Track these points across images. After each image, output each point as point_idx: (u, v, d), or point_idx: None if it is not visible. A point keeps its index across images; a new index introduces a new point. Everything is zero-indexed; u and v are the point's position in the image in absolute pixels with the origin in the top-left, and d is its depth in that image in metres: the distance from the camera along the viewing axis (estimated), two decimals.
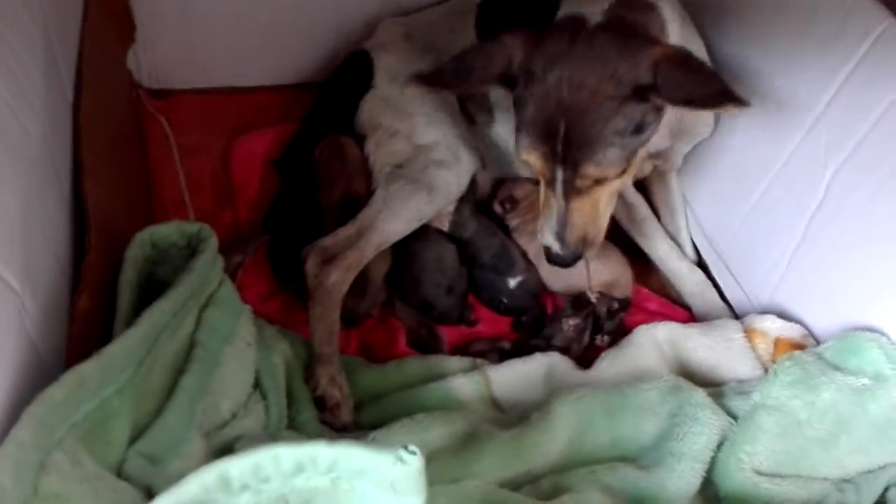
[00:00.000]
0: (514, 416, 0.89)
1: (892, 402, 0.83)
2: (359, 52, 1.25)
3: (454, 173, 1.09)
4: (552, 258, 0.96)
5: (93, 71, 0.96)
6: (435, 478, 0.76)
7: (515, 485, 0.80)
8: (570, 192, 0.92)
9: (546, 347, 1.04)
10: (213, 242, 0.82)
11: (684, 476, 0.79)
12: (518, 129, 0.91)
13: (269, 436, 0.79)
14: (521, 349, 1.05)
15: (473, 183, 1.15)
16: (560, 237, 0.94)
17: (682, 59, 0.84)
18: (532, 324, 1.16)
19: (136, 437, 0.66)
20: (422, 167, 1.08)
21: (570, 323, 1.07)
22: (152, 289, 0.80)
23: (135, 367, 0.66)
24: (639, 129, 0.88)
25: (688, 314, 1.20)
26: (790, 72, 1.04)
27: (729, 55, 1.12)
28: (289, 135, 1.27)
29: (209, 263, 0.80)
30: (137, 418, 0.66)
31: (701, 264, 1.25)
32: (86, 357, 0.67)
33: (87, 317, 0.76)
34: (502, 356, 1.04)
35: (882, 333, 0.90)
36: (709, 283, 1.22)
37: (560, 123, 0.86)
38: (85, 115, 0.90)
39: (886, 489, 0.79)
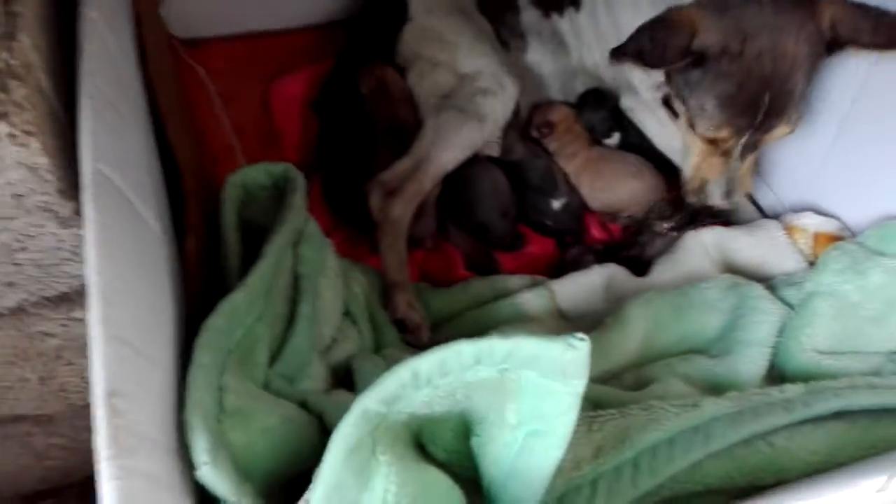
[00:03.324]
0: (586, 322, 0.96)
1: None
2: None
3: (500, 100, 1.13)
4: (715, 213, 1.04)
5: (146, 21, 0.98)
6: None
7: (600, 382, 0.87)
8: (747, 150, 0.97)
9: (640, 256, 1.11)
10: (301, 181, 0.86)
11: (755, 360, 0.86)
12: (703, 108, 0.93)
13: (371, 353, 0.85)
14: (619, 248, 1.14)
15: (517, 107, 1.19)
16: (728, 195, 1.01)
17: (851, 5, 0.89)
18: (576, 243, 1.22)
19: (271, 359, 0.71)
20: (469, 96, 1.11)
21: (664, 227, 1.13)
22: (243, 228, 0.85)
23: (266, 296, 0.71)
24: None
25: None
26: None
27: None
28: (323, 75, 1.30)
29: (303, 201, 0.84)
30: (272, 343, 0.71)
31: None
32: (200, 292, 0.72)
33: (194, 256, 0.80)
34: (597, 257, 1.12)
35: None
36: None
37: (764, 96, 0.90)
38: (151, 66, 0.92)
39: None
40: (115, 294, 0.51)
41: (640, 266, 1.10)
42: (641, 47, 0.90)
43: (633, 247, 1.13)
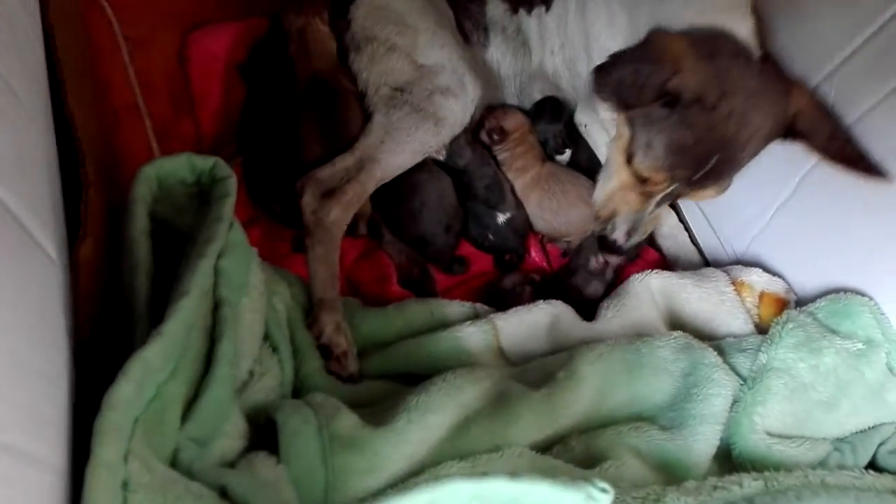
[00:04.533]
0: (534, 372, 0.88)
1: (881, 366, 0.89)
2: None
3: (460, 103, 1.01)
4: (611, 247, 0.98)
5: None
6: (477, 444, 0.74)
7: (545, 446, 0.80)
8: (666, 200, 0.92)
9: (580, 295, 1.04)
10: (232, 183, 0.71)
11: (708, 438, 0.81)
12: (650, 145, 0.87)
13: (299, 401, 0.72)
14: (554, 281, 1.06)
15: None
16: (630, 234, 0.95)
17: (819, 105, 0.87)
18: (515, 263, 1.13)
19: (182, 417, 0.58)
20: (426, 94, 0.98)
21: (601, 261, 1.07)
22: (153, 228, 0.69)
23: (185, 339, 0.57)
24: None
25: (658, 255, 1.22)
26: (807, 23, 1.02)
27: None
28: (252, 33, 1.12)
29: (233, 207, 0.70)
30: (186, 398, 0.58)
31: (674, 206, 1.26)
32: (94, 313, 0.58)
33: (91, 265, 0.64)
34: (534, 288, 1.05)
35: (870, 298, 0.95)
36: (681, 226, 1.23)
37: (713, 156, 0.85)
38: (52, 9, 0.73)
39: (877, 447, 0.86)
40: None
41: (583, 303, 1.04)
42: (622, 78, 0.83)
43: (572, 288, 1.06)
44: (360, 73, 1.02)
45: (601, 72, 0.85)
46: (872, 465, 0.86)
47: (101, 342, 0.62)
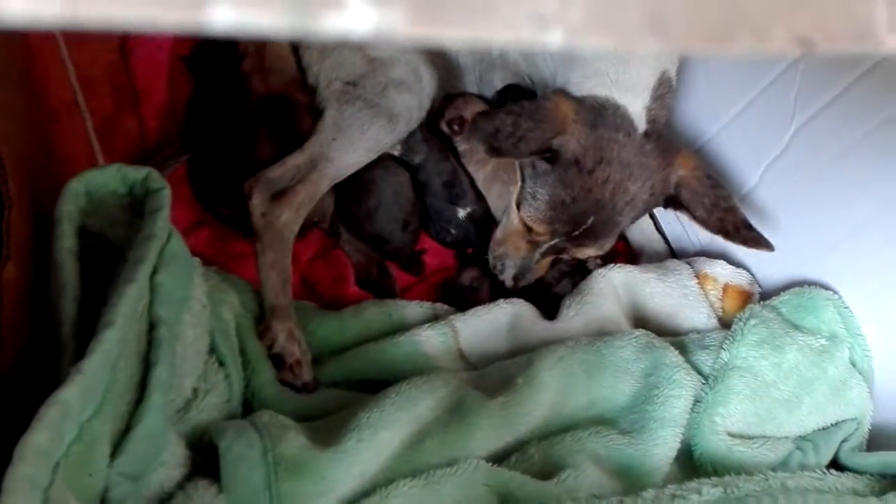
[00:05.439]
0: (493, 377, 0.85)
1: (844, 362, 0.88)
2: None
3: (416, 96, 0.97)
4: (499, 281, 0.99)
5: None
6: (431, 458, 0.72)
7: (503, 455, 0.78)
8: (551, 253, 0.95)
9: (549, 292, 1.02)
10: (166, 195, 0.67)
11: (668, 442, 0.80)
12: (535, 197, 0.90)
13: (243, 423, 0.70)
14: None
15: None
16: (517, 279, 0.97)
17: (702, 176, 0.91)
18: (479, 257, 1.11)
19: (113, 450, 0.55)
20: (380, 88, 0.95)
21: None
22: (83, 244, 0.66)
23: (111, 372, 0.53)
24: None
25: (623, 244, 1.21)
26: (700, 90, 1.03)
27: None
28: None
29: (167, 221, 0.66)
30: (114, 433, 0.55)
31: None
32: (21, 340, 0.54)
33: (15, 288, 0.61)
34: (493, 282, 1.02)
35: (834, 291, 0.94)
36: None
37: (589, 216, 0.88)
38: None
39: (840, 444, 0.85)
40: None
41: (548, 299, 1.01)
42: (501, 127, 0.84)
43: (541, 282, 1.03)
44: (310, 67, 0.98)
45: (484, 116, 0.88)
46: (836, 464, 0.86)
47: (30, 372, 0.59)
